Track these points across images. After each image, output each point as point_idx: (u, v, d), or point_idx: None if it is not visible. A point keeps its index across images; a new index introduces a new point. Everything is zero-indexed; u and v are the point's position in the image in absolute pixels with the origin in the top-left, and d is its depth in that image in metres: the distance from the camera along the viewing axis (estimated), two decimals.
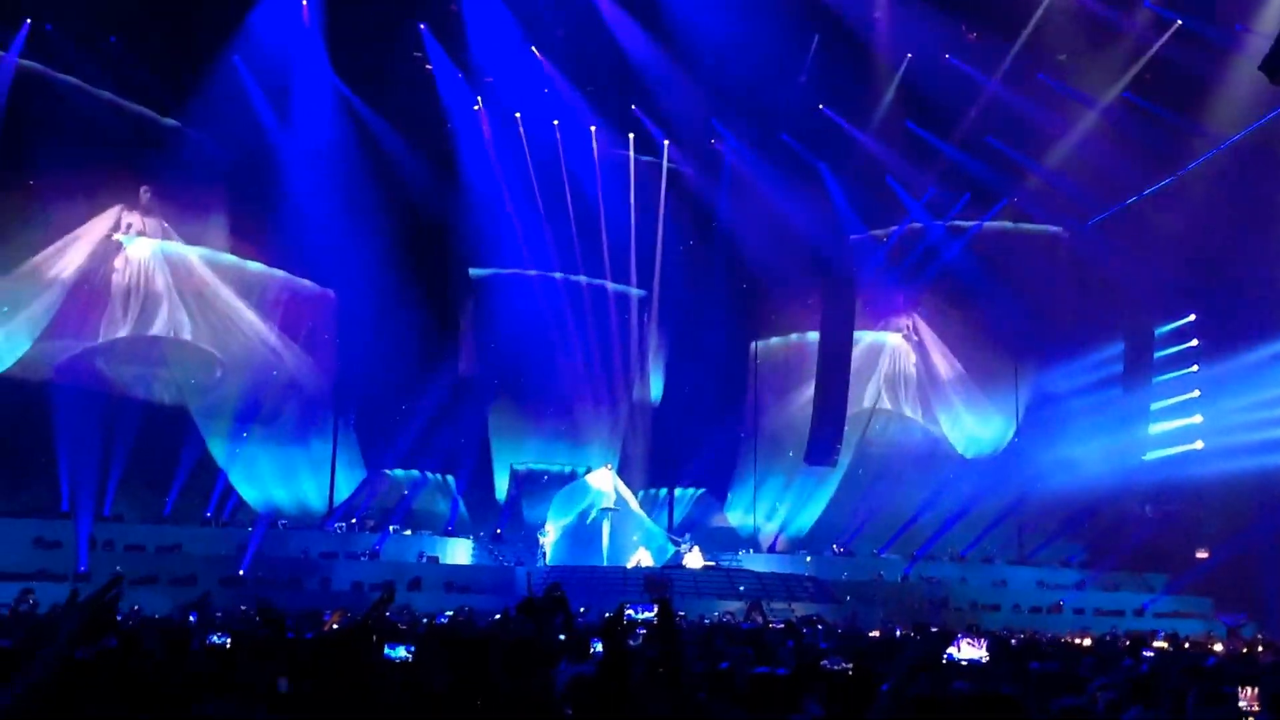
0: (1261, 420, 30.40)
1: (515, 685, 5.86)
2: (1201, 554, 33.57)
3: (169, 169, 31.72)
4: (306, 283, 35.47)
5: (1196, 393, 34.18)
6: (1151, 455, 35.06)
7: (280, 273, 34.93)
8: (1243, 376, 31.01)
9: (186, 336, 33.31)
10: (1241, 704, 5.86)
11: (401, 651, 6.88)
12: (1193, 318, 34.68)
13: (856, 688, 7.08)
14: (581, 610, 19.32)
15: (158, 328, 32.90)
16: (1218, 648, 19.91)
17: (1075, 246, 36.98)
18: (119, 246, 32.04)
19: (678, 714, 5.44)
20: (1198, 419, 33.95)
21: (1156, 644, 18.80)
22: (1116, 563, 34.29)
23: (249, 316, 34.20)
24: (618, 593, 27.88)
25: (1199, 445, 33.57)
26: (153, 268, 32.76)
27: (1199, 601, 32.85)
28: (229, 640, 10.41)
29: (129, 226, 32.24)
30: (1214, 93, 30.78)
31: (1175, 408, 34.84)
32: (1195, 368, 34.43)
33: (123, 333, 32.25)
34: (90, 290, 31.60)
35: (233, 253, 34.14)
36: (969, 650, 9.72)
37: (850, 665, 8.71)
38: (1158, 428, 35.40)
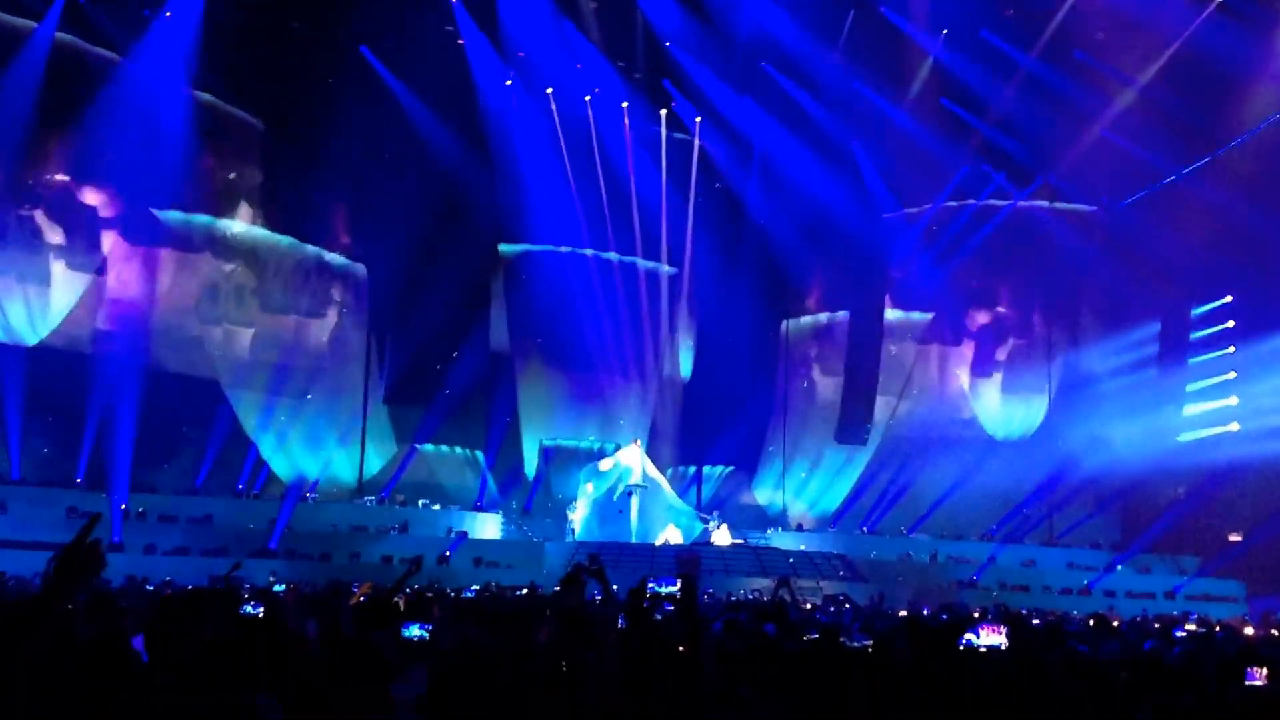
0: None
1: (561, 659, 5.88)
2: (1234, 537, 33.28)
3: (201, 142, 31.85)
4: (338, 257, 35.64)
5: (1232, 374, 33.84)
6: (1186, 437, 34.78)
7: (311, 247, 35.11)
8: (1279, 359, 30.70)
9: (219, 309, 33.53)
10: (1257, 681, 5.83)
11: (417, 630, 6.80)
12: (1229, 299, 34.28)
13: (875, 665, 7.05)
14: (614, 588, 19.43)
15: (190, 300, 33.14)
16: (1249, 631, 19.72)
17: (1111, 226, 36.59)
18: (152, 219, 32.21)
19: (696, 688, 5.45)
20: (1233, 401, 33.62)
21: (1188, 626, 18.64)
22: (1148, 545, 34.06)
23: (281, 289, 34.40)
24: (645, 569, 28.02)
25: (1234, 427, 33.26)
26: (186, 241, 32.95)
27: (1232, 584, 32.59)
28: (262, 609, 10.43)
29: (163, 199, 32.36)
30: (1253, 71, 30.34)
31: (1211, 389, 34.51)
32: (1231, 349, 34.07)
33: (155, 304, 32.48)
34: (122, 262, 31.82)
35: (265, 226, 34.33)
36: (988, 637, 9.63)
37: (870, 642, 8.67)
38: (1192, 409, 35.10)
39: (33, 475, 28.71)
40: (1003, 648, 9.05)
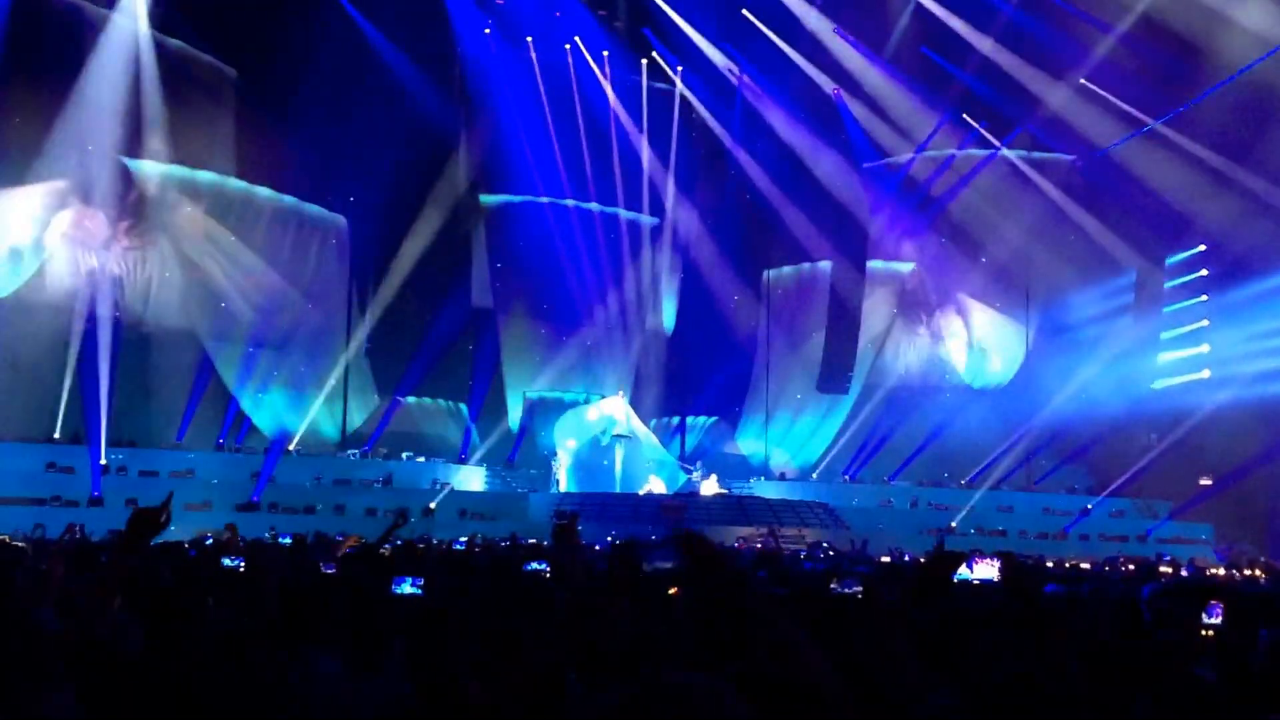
0: (1267, 350, 30.60)
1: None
2: (1205, 481, 33.82)
3: (175, 91, 31.46)
4: (317, 208, 35.34)
5: (1205, 322, 34.30)
6: (1159, 384, 35.28)
7: (290, 198, 34.79)
8: (1251, 307, 31.14)
9: (195, 261, 33.27)
10: (1215, 619, 6.06)
11: (408, 587, 6.72)
12: (1203, 248, 34.65)
13: (865, 608, 7.19)
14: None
15: (166, 251, 32.85)
16: (1219, 572, 20.19)
17: (1088, 175, 36.80)
18: (125, 169, 31.85)
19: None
20: (1205, 348, 34.10)
21: (1162, 568, 19.08)
22: (1122, 490, 34.60)
23: (258, 242, 34.14)
24: (629, 519, 28.28)
25: (1206, 374, 33.74)
26: (161, 191, 32.62)
27: (1201, 528, 33.22)
28: (242, 563, 10.55)
29: (136, 150, 31.99)
30: (1229, 20, 30.46)
31: (1184, 337, 34.97)
32: (1204, 298, 34.52)
33: (131, 256, 32.20)
34: (96, 213, 31.50)
35: (241, 178, 33.99)
36: (982, 570, 9.82)
37: (860, 589, 8.85)
38: (1166, 357, 35.58)
39: (9, 430, 28.47)
40: (995, 580, 9.27)
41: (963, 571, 9.57)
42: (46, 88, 28.98)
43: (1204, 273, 34.80)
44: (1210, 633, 6.00)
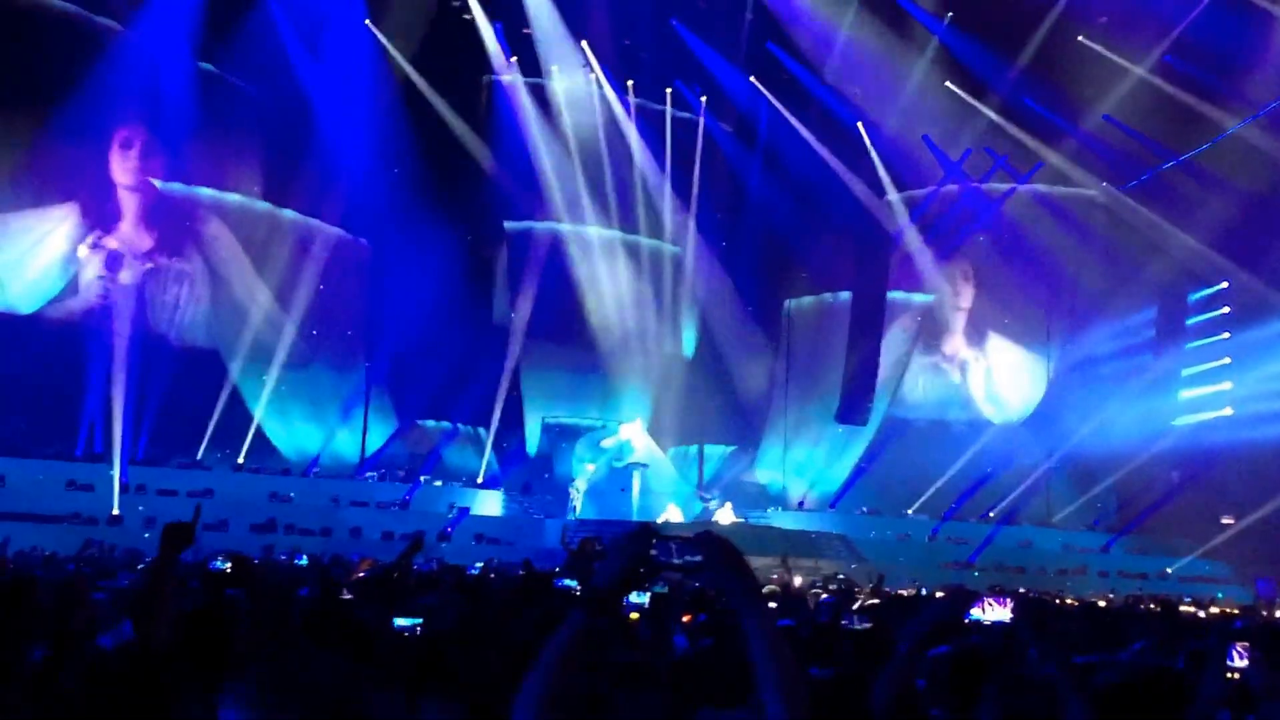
0: None
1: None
2: (1227, 520, 33.54)
3: (203, 113, 31.78)
4: (340, 231, 35.57)
5: (1227, 359, 34.08)
6: (1181, 421, 35.05)
7: (314, 220, 35.01)
8: (1274, 344, 30.94)
9: (218, 281, 33.50)
10: (1242, 663, 6.02)
11: (408, 620, 6.69)
12: (1226, 284, 34.50)
13: (876, 645, 7.16)
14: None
15: (191, 271, 33.10)
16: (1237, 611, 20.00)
17: (1111, 210, 36.75)
18: (152, 190, 32.16)
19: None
20: (1228, 385, 33.87)
21: (1183, 608, 18.90)
22: (1142, 526, 34.35)
23: (282, 263, 34.34)
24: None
25: (1228, 412, 33.50)
26: (186, 212, 32.91)
27: (1223, 567, 32.91)
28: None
29: (163, 169, 32.29)
30: (1254, 57, 30.47)
31: (1206, 374, 34.76)
32: (1227, 335, 34.31)
33: (153, 277, 32.45)
34: (122, 232, 31.80)
35: (266, 199, 34.26)
36: (993, 612, 9.67)
37: (870, 624, 8.79)
38: (1188, 393, 35.38)
39: (32, 448, 28.62)
40: (1007, 622, 9.05)
41: (975, 613, 9.47)
42: (76, 107, 29.29)
43: (1227, 310, 34.62)
44: (1236, 675, 5.96)
